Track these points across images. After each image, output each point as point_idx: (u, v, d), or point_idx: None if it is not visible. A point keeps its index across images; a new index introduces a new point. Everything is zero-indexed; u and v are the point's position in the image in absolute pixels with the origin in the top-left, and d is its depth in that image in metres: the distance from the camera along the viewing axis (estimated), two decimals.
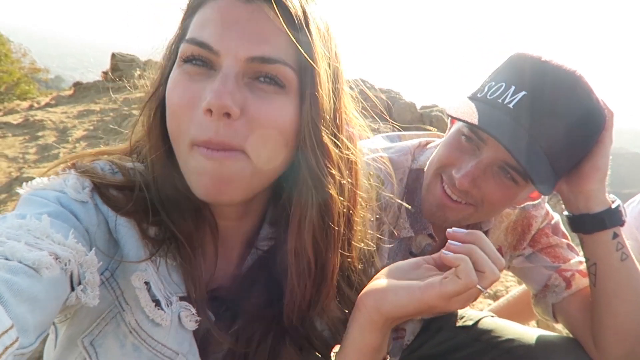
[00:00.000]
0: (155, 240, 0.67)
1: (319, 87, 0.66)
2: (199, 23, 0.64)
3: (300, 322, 0.75)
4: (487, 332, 1.28)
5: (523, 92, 0.91)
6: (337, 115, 0.70)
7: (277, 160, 0.67)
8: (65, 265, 0.55)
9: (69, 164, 0.68)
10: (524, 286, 1.54)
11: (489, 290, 2.92)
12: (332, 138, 0.69)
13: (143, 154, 0.72)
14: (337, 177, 0.69)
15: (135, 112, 5.82)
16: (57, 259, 0.54)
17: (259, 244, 0.79)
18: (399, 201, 1.06)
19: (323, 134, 0.67)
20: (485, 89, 0.96)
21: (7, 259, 0.50)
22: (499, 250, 1.21)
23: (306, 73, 0.65)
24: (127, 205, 0.65)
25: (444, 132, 1.11)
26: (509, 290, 3.00)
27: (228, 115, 0.60)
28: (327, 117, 0.68)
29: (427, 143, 1.15)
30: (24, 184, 0.65)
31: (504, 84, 0.93)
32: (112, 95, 7.13)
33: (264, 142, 0.64)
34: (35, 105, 7.85)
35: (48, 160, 5.02)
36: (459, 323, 1.36)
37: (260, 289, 0.77)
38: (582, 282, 1.10)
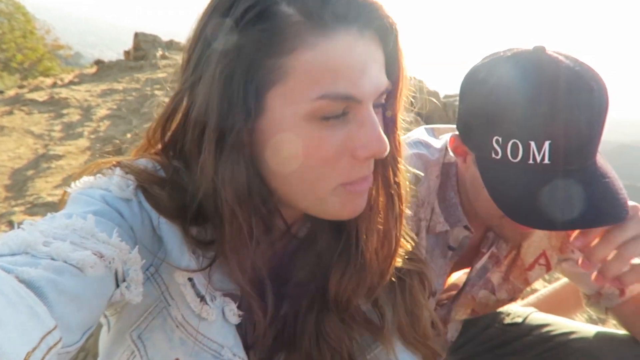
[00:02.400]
0: (198, 241, 0.66)
1: (403, 90, 0.70)
2: (325, 75, 0.59)
3: (345, 304, 0.75)
4: (538, 327, 1.27)
5: (547, 142, 0.82)
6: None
7: None
8: (110, 263, 0.55)
9: (113, 162, 0.68)
10: (565, 279, 1.51)
11: None
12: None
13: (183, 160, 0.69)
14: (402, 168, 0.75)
15: (157, 92, 5.84)
16: (101, 257, 0.54)
17: (299, 232, 0.80)
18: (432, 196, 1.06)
19: (398, 129, 0.72)
20: (503, 153, 0.85)
21: (52, 259, 0.51)
22: (543, 255, 1.20)
23: (395, 81, 0.68)
24: (170, 205, 0.65)
25: None
26: (532, 286, 2.99)
27: None
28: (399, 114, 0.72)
29: None
30: (72, 183, 0.66)
31: (517, 141, 0.83)
32: (135, 75, 7.17)
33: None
34: (59, 82, 7.92)
35: (73, 138, 5.07)
36: (507, 320, 1.35)
37: (303, 275, 0.78)
38: (636, 288, 1.08)
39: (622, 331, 1.16)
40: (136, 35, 8.76)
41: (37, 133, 5.34)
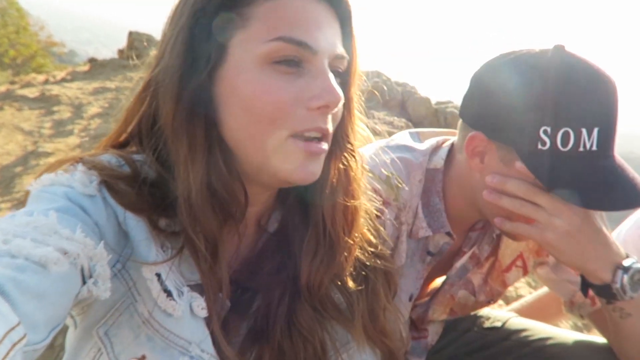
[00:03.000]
0: (167, 233, 0.67)
1: (357, 70, 0.76)
2: (283, 21, 0.65)
3: (315, 290, 0.77)
4: (516, 331, 1.28)
5: (596, 129, 0.88)
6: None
7: None
8: (75, 259, 0.55)
9: (76, 158, 0.68)
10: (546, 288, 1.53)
11: None
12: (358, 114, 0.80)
13: (149, 145, 0.71)
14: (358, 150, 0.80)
15: None
16: (65, 253, 0.54)
17: (269, 226, 0.81)
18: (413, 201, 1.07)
19: (355, 107, 0.78)
20: (551, 142, 0.89)
21: (13, 256, 0.51)
22: (520, 257, 1.21)
23: (350, 60, 0.74)
24: (135, 199, 0.65)
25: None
26: (518, 291, 3.00)
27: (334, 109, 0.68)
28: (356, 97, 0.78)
29: (444, 142, 1.13)
30: (33, 180, 0.66)
31: (569, 129, 0.88)
32: (128, 74, 7.14)
33: (334, 127, 0.73)
34: (51, 79, 7.87)
35: (63, 136, 5.04)
36: (487, 324, 1.36)
37: (272, 262, 0.79)
38: None
39: (600, 339, 1.17)
40: (130, 34, 8.72)
41: (27, 130, 5.31)
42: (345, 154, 0.78)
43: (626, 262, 0.93)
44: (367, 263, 0.83)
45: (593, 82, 0.90)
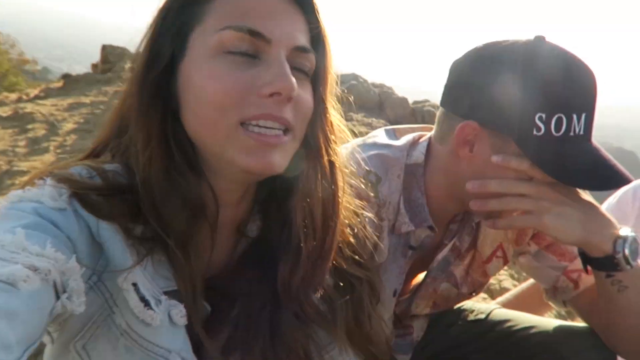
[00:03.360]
0: (143, 239, 0.66)
1: (330, 69, 0.75)
2: (235, 12, 0.66)
3: (295, 294, 0.77)
4: (500, 322, 1.29)
5: (584, 114, 0.93)
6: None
7: (299, 143, 0.74)
8: (46, 275, 0.54)
9: (45, 172, 0.67)
10: (532, 280, 1.55)
11: None
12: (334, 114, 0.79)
13: (120, 152, 0.72)
14: (337, 150, 0.79)
15: None
16: (35, 270, 0.53)
17: (248, 231, 0.81)
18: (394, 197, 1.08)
19: (330, 111, 0.77)
20: (546, 128, 0.93)
21: None
22: (500, 247, 1.22)
23: (321, 59, 0.73)
24: (109, 209, 0.64)
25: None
26: (501, 283, 3.03)
27: (290, 98, 0.66)
28: (331, 96, 0.77)
29: (420, 137, 1.14)
30: (1, 199, 0.64)
31: (562, 115, 0.92)
32: (103, 88, 7.07)
33: (302, 126, 0.72)
34: (24, 97, 7.74)
35: (38, 154, 4.96)
36: (471, 317, 1.37)
37: (254, 270, 0.79)
38: (589, 279, 1.11)
39: (581, 324, 1.19)
40: (104, 47, 8.63)
41: (1, 149, 5.20)
42: (324, 158, 0.77)
43: (623, 232, 0.96)
44: (351, 272, 0.83)
45: (580, 70, 0.95)
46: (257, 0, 0.67)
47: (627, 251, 0.94)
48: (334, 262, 0.81)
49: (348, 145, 1.12)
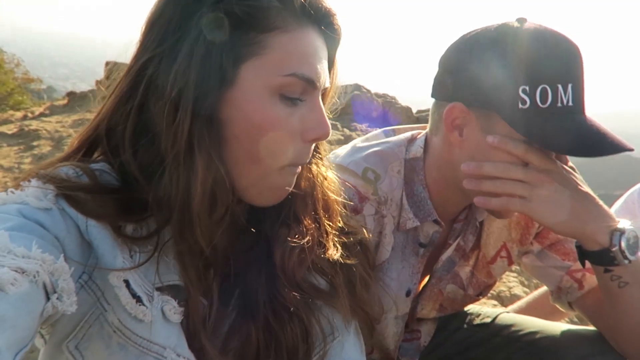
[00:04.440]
0: (134, 238, 0.66)
1: (333, 93, 0.82)
2: (297, 56, 0.68)
3: (292, 274, 0.79)
4: (506, 327, 1.28)
5: (570, 85, 0.93)
6: None
7: None
8: (34, 277, 0.54)
9: (31, 174, 0.66)
10: (545, 287, 1.54)
11: (491, 291, 2.91)
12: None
13: (109, 151, 0.71)
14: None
15: None
16: (23, 272, 0.53)
17: (238, 220, 0.81)
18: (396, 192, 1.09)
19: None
20: (531, 100, 0.93)
21: None
22: (504, 247, 1.21)
23: (328, 88, 0.79)
24: (97, 207, 0.64)
25: None
26: (511, 290, 3.00)
27: None
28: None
29: (418, 134, 1.15)
30: None
31: (546, 86, 0.92)
32: None
33: None
34: (30, 115, 7.81)
35: None
36: (477, 321, 1.35)
37: (246, 244, 0.80)
38: (593, 279, 1.10)
39: (589, 328, 1.17)
40: (107, 64, 8.69)
41: (7, 166, 5.24)
42: (315, 159, 0.84)
43: (621, 225, 0.94)
44: (342, 240, 0.86)
45: (560, 42, 0.95)
46: (312, 46, 0.70)
47: (623, 244, 0.92)
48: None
49: (347, 146, 1.13)
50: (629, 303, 0.98)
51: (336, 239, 0.85)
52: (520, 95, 0.92)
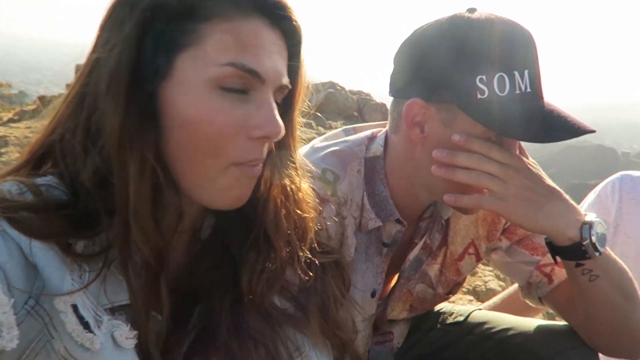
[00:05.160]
0: (85, 256, 0.62)
1: (301, 94, 0.77)
2: (237, 45, 0.64)
3: (260, 297, 0.74)
4: (479, 324, 1.26)
5: (526, 71, 0.92)
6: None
7: None
8: None
9: None
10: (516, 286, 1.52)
11: (467, 286, 2.92)
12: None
13: (60, 160, 0.66)
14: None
15: None
16: None
17: (202, 233, 0.78)
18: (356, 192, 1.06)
19: (297, 129, 0.79)
20: (489, 90, 0.91)
21: None
22: (472, 244, 1.19)
23: (294, 85, 0.74)
24: (42, 226, 0.59)
25: None
26: (487, 284, 3.00)
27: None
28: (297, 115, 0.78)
29: (378, 132, 1.12)
30: None
31: (503, 74, 0.90)
32: None
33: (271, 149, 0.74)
34: None
35: None
36: (450, 320, 1.33)
37: (212, 264, 0.76)
38: (562, 273, 1.09)
39: (562, 322, 1.16)
40: (77, 67, 8.54)
41: None
42: (288, 171, 0.78)
43: (588, 218, 0.93)
44: (315, 260, 0.81)
45: (513, 29, 0.94)
46: (258, 36, 0.66)
47: (594, 237, 0.91)
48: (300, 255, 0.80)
49: (306, 146, 1.09)
50: (599, 297, 0.97)
51: (309, 260, 0.80)
52: (478, 85, 0.90)
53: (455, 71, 0.92)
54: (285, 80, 0.70)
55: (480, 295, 2.85)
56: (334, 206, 1.02)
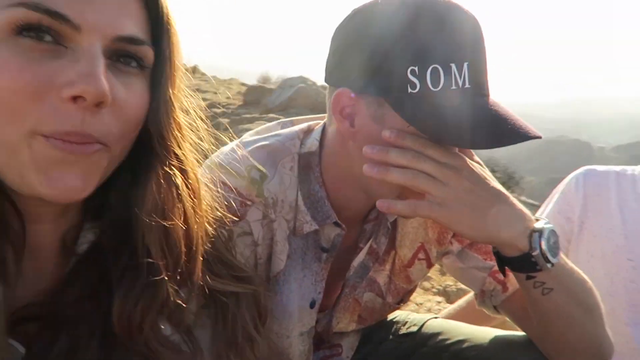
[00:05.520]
0: None
1: (177, 61, 0.62)
2: None
3: (138, 327, 0.60)
4: (434, 335, 1.16)
5: (465, 64, 0.79)
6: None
7: (128, 148, 0.60)
8: None
9: None
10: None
11: (437, 286, 2.83)
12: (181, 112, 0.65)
13: None
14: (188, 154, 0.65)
15: None
16: None
17: (77, 247, 0.64)
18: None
19: (177, 111, 0.63)
20: (421, 85, 0.79)
21: None
22: (421, 248, 1.08)
23: (162, 52, 0.60)
24: None
25: None
26: (458, 284, 2.92)
27: (100, 103, 0.52)
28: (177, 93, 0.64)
29: (316, 125, 1.01)
30: None
31: (437, 66, 0.78)
32: None
33: (126, 132, 0.58)
34: None
35: None
36: (403, 330, 1.22)
37: (83, 293, 0.62)
38: (516, 282, 0.99)
39: (519, 333, 1.07)
40: None
41: None
42: (171, 170, 0.63)
43: (538, 225, 0.82)
44: (223, 289, 0.69)
45: (452, 12, 0.81)
46: None
47: (544, 246, 0.80)
48: (199, 281, 0.66)
49: (232, 142, 0.97)
50: (554, 311, 0.87)
51: (220, 285, 0.68)
52: (409, 78, 0.78)
53: (383, 60, 0.80)
54: (128, 30, 0.55)
55: (451, 295, 2.77)
56: (260, 208, 0.90)
